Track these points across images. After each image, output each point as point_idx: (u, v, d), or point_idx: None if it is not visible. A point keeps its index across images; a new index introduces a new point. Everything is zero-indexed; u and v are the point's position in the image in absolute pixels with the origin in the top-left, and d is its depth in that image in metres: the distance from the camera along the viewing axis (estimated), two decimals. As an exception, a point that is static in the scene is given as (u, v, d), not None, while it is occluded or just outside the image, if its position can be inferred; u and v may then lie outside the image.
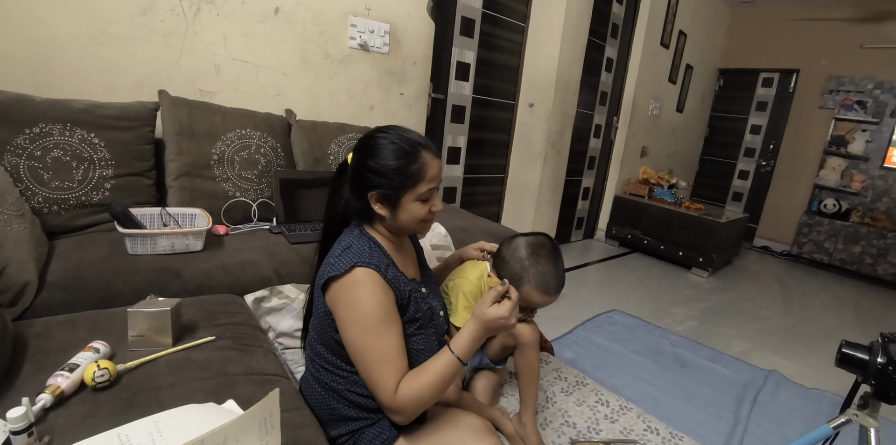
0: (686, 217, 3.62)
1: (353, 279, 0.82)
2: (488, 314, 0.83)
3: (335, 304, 0.84)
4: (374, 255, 0.87)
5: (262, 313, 1.20)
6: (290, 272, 1.30)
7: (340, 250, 0.87)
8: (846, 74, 4.20)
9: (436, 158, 0.91)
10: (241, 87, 1.88)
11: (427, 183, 0.89)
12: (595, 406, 1.41)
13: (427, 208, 0.92)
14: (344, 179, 0.96)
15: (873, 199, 4.19)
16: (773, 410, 1.82)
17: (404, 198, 0.88)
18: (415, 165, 0.88)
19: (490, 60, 2.84)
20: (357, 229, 0.94)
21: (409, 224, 0.92)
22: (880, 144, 4.09)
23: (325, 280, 0.84)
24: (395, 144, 0.88)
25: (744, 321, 2.76)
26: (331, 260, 0.86)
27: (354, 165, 0.91)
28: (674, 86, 4.23)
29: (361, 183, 0.89)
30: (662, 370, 2.02)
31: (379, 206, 0.90)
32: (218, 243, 1.37)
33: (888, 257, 3.93)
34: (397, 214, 0.90)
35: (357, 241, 0.89)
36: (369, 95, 2.22)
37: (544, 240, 1.12)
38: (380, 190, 0.88)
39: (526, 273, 1.07)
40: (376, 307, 0.81)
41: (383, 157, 0.87)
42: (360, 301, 0.81)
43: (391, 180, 0.87)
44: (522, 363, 1.18)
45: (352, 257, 0.84)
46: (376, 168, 0.87)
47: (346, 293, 0.82)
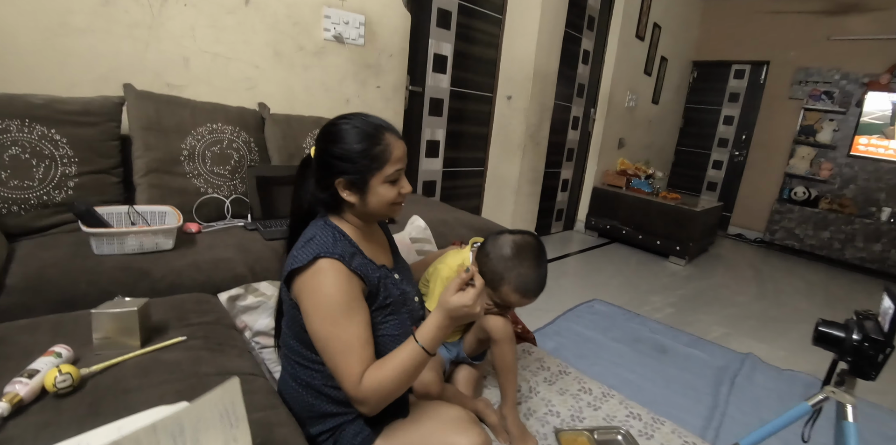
0: (663, 207, 3.67)
1: (316, 269, 0.80)
2: (451, 302, 0.81)
3: (299, 295, 0.82)
4: (338, 244, 0.85)
5: (237, 311, 1.16)
6: (266, 269, 1.27)
7: (303, 241, 0.86)
8: (814, 66, 4.30)
9: (399, 140, 0.90)
10: (211, 80, 1.82)
11: (393, 164, 0.87)
12: (578, 395, 1.42)
13: (396, 190, 0.90)
14: (308, 172, 0.94)
15: (840, 186, 4.31)
16: (749, 392, 1.87)
17: (372, 181, 0.87)
18: (378, 147, 0.86)
19: (467, 52, 2.81)
20: (321, 220, 0.92)
21: (379, 208, 0.90)
22: (846, 133, 4.21)
23: (289, 273, 0.82)
24: (358, 128, 0.87)
25: (720, 307, 2.82)
26: (294, 253, 0.85)
27: (318, 154, 0.89)
28: (649, 78, 4.27)
29: (327, 171, 0.88)
30: (642, 356, 2.04)
31: (347, 192, 0.88)
32: (190, 241, 1.32)
33: (855, 241, 4.05)
34: (367, 198, 0.88)
35: (321, 232, 0.87)
36: (345, 87, 2.17)
37: (531, 241, 1.11)
38: (347, 175, 0.86)
39: (507, 274, 1.07)
40: (338, 296, 0.79)
41: (347, 141, 0.86)
42: (322, 290, 0.79)
43: (357, 163, 0.85)
44: (498, 359, 1.17)
45: (314, 247, 0.82)
46: (341, 153, 0.85)
47: (308, 284, 0.80)
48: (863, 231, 4.01)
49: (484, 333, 1.18)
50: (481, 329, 1.18)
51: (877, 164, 4.12)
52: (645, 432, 1.31)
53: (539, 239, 1.12)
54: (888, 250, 3.92)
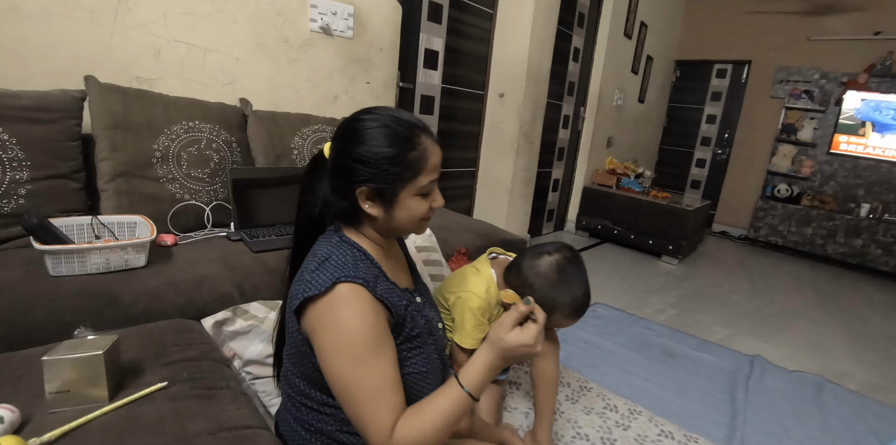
0: (654, 206, 3.61)
1: (336, 297, 0.65)
2: (508, 340, 0.68)
3: (314, 329, 0.67)
4: (360, 266, 0.70)
5: (224, 338, 0.99)
6: (256, 287, 1.10)
7: (317, 262, 0.70)
8: (794, 65, 4.32)
9: (436, 144, 0.75)
10: (186, 73, 1.62)
11: (428, 174, 0.73)
12: (604, 413, 1.30)
13: (427, 203, 0.76)
14: (320, 174, 0.78)
15: (821, 183, 4.35)
16: (764, 397, 1.79)
17: (402, 193, 0.72)
18: (414, 153, 0.71)
19: (459, 47, 2.67)
20: (336, 235, 0.76)
21: (406, 224, 0.76)
22: (826, 132, 4.24)
23: (301, 301, 0.67)
24: (388, 127, 0.71)
25: (718, 307, 2.76)
26: (305, 276, 0.69)
27: (336, 156, 0.74)
28: (636, 76, 4.21)
29: (347, 177, 0.72)
30: (652, 362, 1.94)
31: (370, 204, 0.73)
32: (165, 256, 1.14)
33: (836, 237, 4.09)
34: (393, 212, 0.74)
35: (337, 250, 0.72)
36: (333, 83, 2.00)
37: (570, 256, 0.99)
38: (371, 184, 0.71)
39: (558, 300, 0.94)
40: (364, 330, 0.65)
41: (375, 143, 0.70)
42: (345, 323, 0.64)
43: (385, 171, 0.70)
44: (540, 374, 1.05)
45: (332, 270, 0.67)
46: (366, 157, 0.70)
47: (326, 315, 0.65)
48: (843, 227, 4.05)
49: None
50: None
51: (855, 161, 4.17)
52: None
53: (574, 249, 0.99)
54: (868, 245, 3.96)
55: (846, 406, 1.81)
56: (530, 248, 1.02)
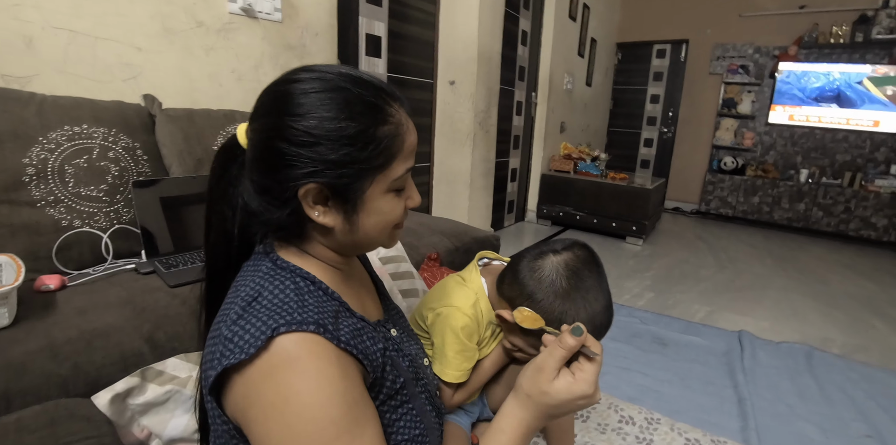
0: (614, 188, 3.50)
1: (276, 360, 0.40)
2: (556, 393, 0.46)
3: (246, 414, 0.41)
4: (308, 303, 0.45)
5: (132, 414, 0.70)
6: (174, 336, 0.80)
7: (240, 306, 0.44)
8: (729, 42, 4.35)
9: (409, 117, 0.51)
10: (71, 68, 1.27)
11: (405, 159, 0.50)
12: (620, 428, 1.10)
13: (402, 203, 0.52)
14: (235, 170, 0.52)
15: (762, 153, 4.42)
16: (762, 375, 1.68)
17: (371, 189, 0.48)
18: (386, 127, 0.47)
19: (403, 32, 2.39)
20: (266, 259, 0.50)
21: (376, 234, 0.51)
22: (763, 103, 4.30)
23: (220, 373, 0.41)
24: (344, 90, 0.46)
25: (692, 284, 2.67)
26: (223, 331, 0.43)
27: (262, 139, 0.47)
28: (582, 60, 4.08)
29: (282, 171, 0.46)
30: (646, 353, 1.79)
31: (321, 210, 0.48)
32: (46, 305, 0.82)
33: (781, 203, 4.16)
34: (357, 219, 0.48)
35: (270, 283, 0.46)
36: (263, 74, 1.68)
37: (583, 256, 0.72)
38: (322, 178, 0.46)
39: (569, 318, 0.67)
40: (330, 407, 0.40)
41: (324, 113, 0.45)
42: (297, 401, 0.39)
43: (346, 156, 0.46)
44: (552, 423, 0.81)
45: (264, 316, 0.42)
46: (313, 136, 0.45)
47: (264, 392, 0.40)
48: (787, 193, 4.13)
49: None
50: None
51: (792, 130, 4.25)
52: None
53: (588, 247, 0.74)
54: (810, 208, 4.06)
55: (838, 373, 1.74)
56: (530, 247, 0.77)
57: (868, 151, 4.03)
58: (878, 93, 3.84)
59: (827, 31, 3.95)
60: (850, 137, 4.06)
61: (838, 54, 4.00)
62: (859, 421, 1.44)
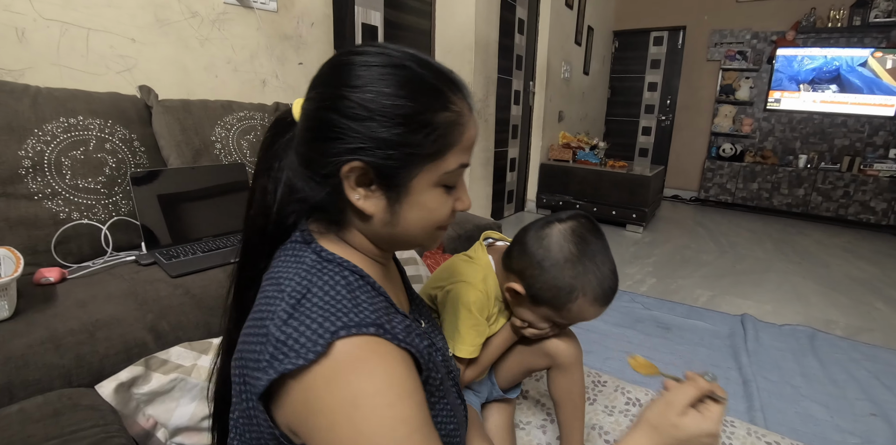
0: (614, 176, 3.47)
1: (339, 364, 0.37)
2: (686, 427, 0.45)
3: (306, 419, 0.38)
4: (361, 300, 0.42)
5: (137, 404, 0.68)
6: (178, 325, 0.79)
7: (289, 305, 0.40)
8: (727, 28, 4.28)
9: (473, 111, 0.47)
10: (65, 61, 1.24)
11: (462, 152, 0.46)
12: (627, 410, 1.09)
13: (451, 202, 0.48)
14: (284, 144, 0.48)
15: (761, 139, 4.38)
16: (765, 357, 1.67)
17: (419, 177, 0.44)
18: (446, 114, 0.44)
19: (399, 22, 2.35)
20: (308, 249, 0.46)
21: (418, 231, 0.47)
22: (762, 89, 4.25)
23: (274, 380, 0.38)
24: (407, 68, 0.43)
25: (693, 269, 2.65)
26: (273, 331, 0.39)
27: (315, 108, 0.44)
28: (580, 48, 4.03)
29: (330, 143, 0.43)
30: (650, 338, 1.78)
31: (363, 193, 0.44)
32: (46, 298, 0.80)
33: (780, 189, 4.14)
34: (400, 209, 0.45)
35: (318, 278, 0.43)
36: (259, 65, 1.65)
37: (589, 225, 0.72)
38: (369, 157, 0.42)
39: (580, 282, 0.68)
40: (401, 405, 0.38)
41: (383, 88, 0.42)
42: (367, 402, 0.37)
43: (397, 136, 0.42)
44: (565, 389, 0.81)
45: (319, 318, 0.39)
46: (368, 110, 0.42)
47: (328, 397, 0.37)
48: (786, 179, 4.10)
49: (542, 357, 0.80)
50: (539, 353, 0.80)
51: (790, 115, 4.21)
52: (722, 441, 1.02)
53: (590, 217, 0.73)
54: (809, 193, 4.03)
55: (841, 353, 1.74)
56: (534, 221, 0.76)
57: (866, 135, 4.00)
58: (883, 72, 3.77)
59: (825, 15, 3.89)
60: (848, 121, 4.02)
61: (836, 38, 3.95)
62: (864, 400, 1.43)
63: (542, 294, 0.70)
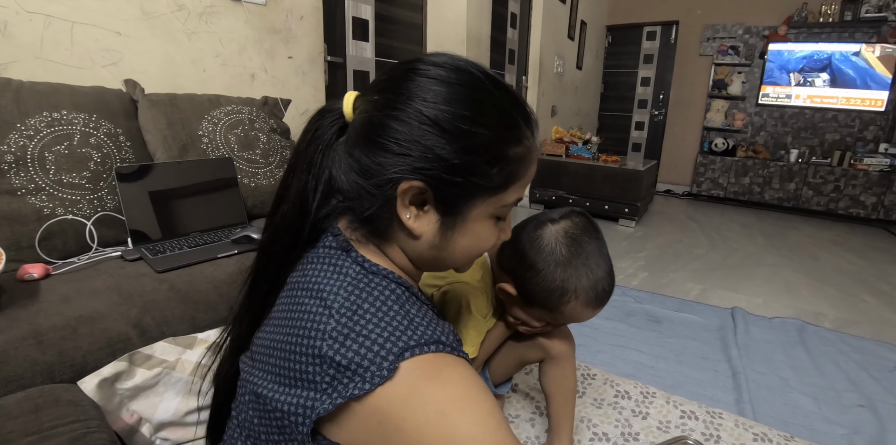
0: (607, 170, 3.48)
1: (412, 383, 0.36)
2: None
3: (387, 438, 0.37)
4: (414, 315, 0.40)
5: (121, 399, 0.68)
6: (162, 320, 0.78)
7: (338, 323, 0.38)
8: (719, 22, 4.28)
9: (538, 148, 0.46)
10: (49, 54, 1.22)
11: (521, 187, 0.45)
12: (616, 403, 1.09)
13: (497, 234, 0.47)
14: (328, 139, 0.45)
15: (753, 133, 4.40)
16: (755, 350, 1.68)
17: (477, 208, 0.43)
18: (518, 149, 0.43)
19: (390, 15, 2.33)
20: (348, 259, 0.44)
21: (460, 257, 0.47)
22: (754, 84, 4.26)
23: (335, 408, 0.37)
24: (486, 92, 0.41)
25: (685, 263, 2.67)
26: (328, 352, 0.37)
27: (382, 117, 0.41)
28: (573, 43, 4.02)
29: (391, 156, 0.40)
30: (641, 331, 1.78)
31: (415, 213, 0.42)
32: (29, 294, 0.79)
33: (772, 183, 4.16)
34: (452, 236, 0.44)
35: (367, 293, 0.41)
36: (248, 59, 1.63)
37: (584, 223, 0.70)
38: (432, 179, 0.40)
39: (572, 287, 0.67)
40: (486, 403, 0.37)
41: (460, 109, 0.40)
42: (454, 410, 0.36)
43: (467, 165, 0.40)
44: (556, 381, 0.81)
45: (380, 339, 0.37)
46: (442, 129, 0.39)
47: (409, 414, 0.36)
48: (777, 173, 4.12)
49: (534, 349, 0.80)
50: (532, 345, 0.80)
51: (782, 110, 4.23)
52: (709, 433, 1.02)
53: (586, 214, 0.72)
54: (800, 188, 4.05)
55: (830, 345, 1.75)
56: (528, 218, 0.75)
57: (857, 129, 4.02)
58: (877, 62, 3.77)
59: (816, 10, 3.89)
60: (839, 116, 4.04)
61: (828, 33, 3.95)
62: (852, 392, 1.45)
63: (534, 297, 0.69)
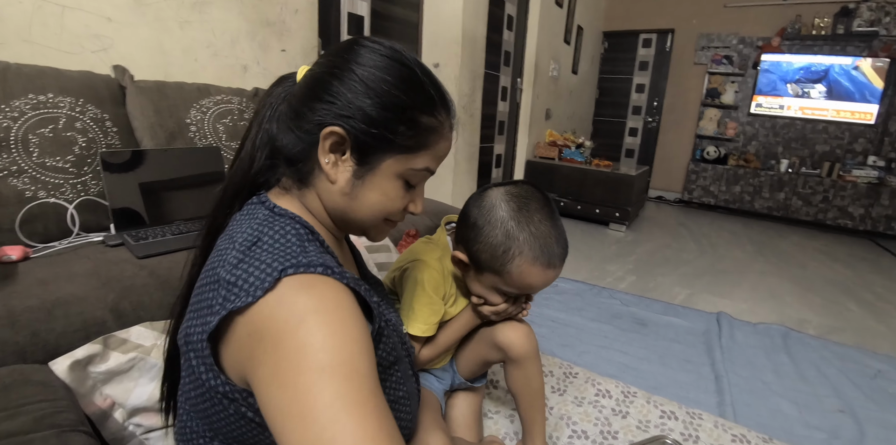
0: (599, 174, 3.51)
1: (284, 293, 0.38)
2: None
3: (252, 351, 0.37)
4: (310, 250, 0.43)
5: (93, 383, 0.67)
6: (140, 305, 0.78)
7: (239, 252, 0.42)
8: (714, 32, 4.35)
9: (452, 131, 0.53)
10: (37, 38, 1.21)
11: (430, 157, 0.51)
12: (597, 401, 1.10)
13: (406, 199, 0.52)
14: (279, 97, 0.52)
15: (744, 143, 4.46)
16: (739, 354, 1.70)
17: (387, 163, 0.49)
18: (429, 119, 0.50)
19: (387, 12, 2.34)
20: (262, 207, 0.49)
21: (368, 214, 0.51)
22: (746, 94, 4.33)
23: (222, 318, 0.38)
24: (411, 69, 0.49)
25: (673, 268, 2.69)
26: (222, 274, 0.40)
27: (319, 73, 0.49)
28: (569, 47, 4.06)
29: (320, 103, 0.47)
30: (626, 333, 1.80)
31: (333, 159, 0.48)
32: (6, 276, 0.78)
33: (762, 193, 4.22)
34: (361, 185, 0.49)
35: (269, 228, 0.45)
36: (240, 50, 1.63)
37: (531, 190, 0.72)
38: (351, 128, 0.47)
39: (514, 241, 0.67)
40: (350, 330, 0.37)
41: (386, 75, 0.47)
42: (313, 320, 0.36)
43: (382, 118, 0.47)
44: (520, 383, 0.80)
45: (268, 259, 0.40)
46: (366, 86, 0.47)
47: (270, 322, 0.36)
48: (767, 183, 4.18)
49: (495, 350, 0.80)
50: (492, 346, 0.80)
51: (773, 120, 4.29)
52: (688, 433, 1.03)
53: (536, 185, 0.74)
54: (790, 198, 4.11)
55: (813, 351, 1.78)
56: (483, 187, 0.77)
57: (846, 141, 4.09)
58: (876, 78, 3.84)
59: (809, 22, 3.97)
60: (829, 128, 4.12)
61: (820, 46, 4.03)
62: (833, 397, 1.47)
63: (479, 257, 0.70)
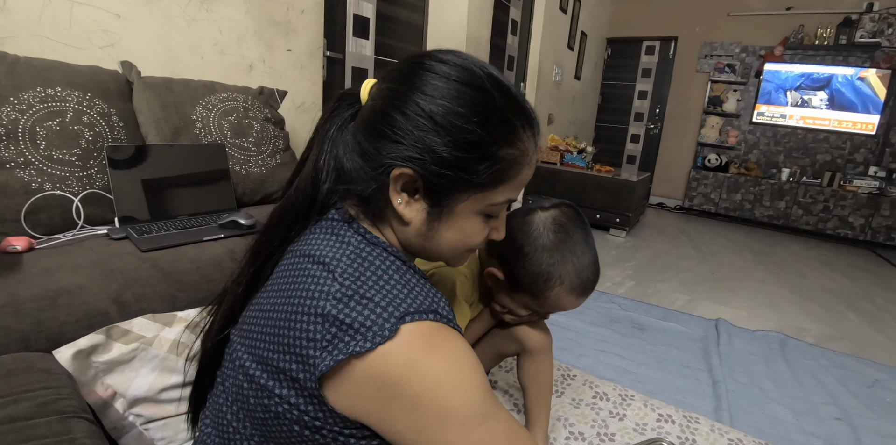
0: (600, 180, 3.53)
1: (413, 352, 0.39)
2: None
3: (383, 402, 0.39)
4: (413, 285, 0.44)
5: (95, 373, 0.68)
6: (142, 297, 0.79)
7: (342, 285, 0.41)
8: (717, 40, 4.39)
9: (537, 147, 0.48)
10: (46, 32, 1.23)
11: (513, 188, 0.47)
12: (595, 403, 1.11)
13: (486, 231, 0.50)
14: (345, 117, 0.49)
15: (746, 151, 4.49)
16: (737, 360, 1.71)
17: (464, 203, 0.45)
18: (510, 150, 0.45)
19: (391, 15, 2.37)
20: (349, 230, 0.47)
21: (446, 250, 0.49)
22: (748, 102, 4.36)
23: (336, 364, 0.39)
24: (486, 92, 0.43)
25: (673, 274, 2.70)
26: (330, 310, 0.40)
27: (383, 105, 0.45)
28: (572, 53, 4.09)
29: (387, 143, 0.44)
30: (625, 338, 1.81)
31: (406, 199, 0.45)
32: (10, 265, 0.79)
33: (762, 201, 4.23)
34: (438, 227, 0.46)
35: (369, 262, 0.44)
36: (246, 49, 1.65)
37: (572, 214, 0.74)
38: (421, 168, 0.43)
39: (558, 271, 0.69)
40: (476, 376, 0.40)
41: (457, 105, 0.42)
42: (450, 382, 0.39)
43: (456, 158, 0.43)
44: (531, 375, 0.82)
45: (382, 302, 0.40)
46: (434, 123, 0.42)
47: (406, 383, 0.38)
48: (768, 191, 4.20)
49: (511, 342, 0.82)
50: (508, 337, 0.81)
51: (775, 129, 4.32)
52: (685, 436, 1.03)
53: (574, 206, 0.76)
54: (790, 206, 4.13)
55: (811, 359, 1.78)
56: (520, 207, 0.78)
57: (847, 151, 4.12)
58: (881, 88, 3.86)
59: (812, 32, 4.01)
60: (830, 137, 4.14)
61: (822, 56, 4.07)
62: (830, 405, 1.47)
63: (520, 281, 0.72)
